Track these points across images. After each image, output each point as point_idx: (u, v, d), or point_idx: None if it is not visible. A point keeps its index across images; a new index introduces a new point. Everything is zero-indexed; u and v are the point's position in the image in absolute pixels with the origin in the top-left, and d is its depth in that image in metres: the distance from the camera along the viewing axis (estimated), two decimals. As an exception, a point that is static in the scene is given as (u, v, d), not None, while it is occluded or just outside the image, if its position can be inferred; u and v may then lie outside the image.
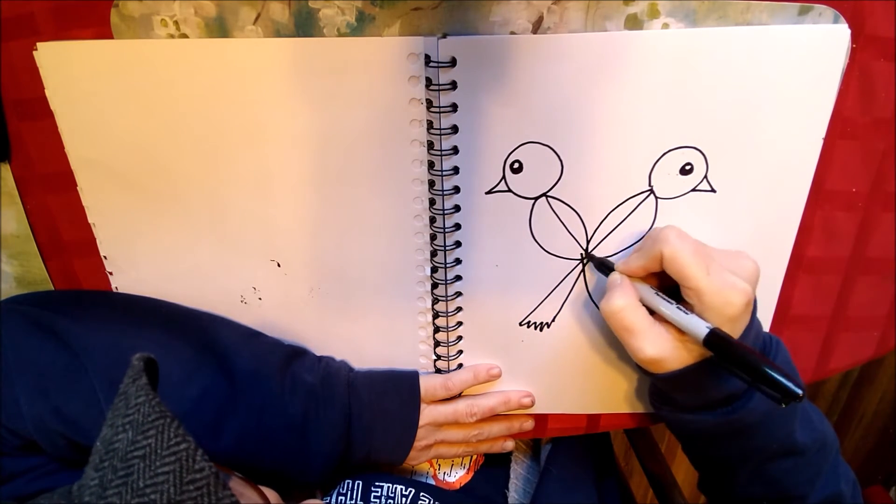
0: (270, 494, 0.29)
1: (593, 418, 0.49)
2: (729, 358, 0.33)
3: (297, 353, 0.44)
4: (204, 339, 0.42)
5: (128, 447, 0.21)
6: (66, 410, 0.38)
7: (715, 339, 0.33)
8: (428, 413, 0.44)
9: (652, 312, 0.38)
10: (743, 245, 0.38)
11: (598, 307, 0.43)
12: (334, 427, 0.42)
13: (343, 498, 0.43)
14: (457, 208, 0.40)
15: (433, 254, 0.41)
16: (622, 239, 0.41)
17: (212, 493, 0.21)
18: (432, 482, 0.50)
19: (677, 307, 0.36)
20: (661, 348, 0.36)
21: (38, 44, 0.37)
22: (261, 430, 0.41)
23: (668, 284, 0.37)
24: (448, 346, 0.45)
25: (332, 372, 0.44)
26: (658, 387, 0.42)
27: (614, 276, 0.39)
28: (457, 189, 0.39)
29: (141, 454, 0.21)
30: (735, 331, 0.35)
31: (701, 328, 0.34)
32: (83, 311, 0.42)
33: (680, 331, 0.36)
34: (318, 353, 0.46)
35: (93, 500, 0.21)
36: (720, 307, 0.34)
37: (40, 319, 0.40)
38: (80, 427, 0.38)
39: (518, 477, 0.53)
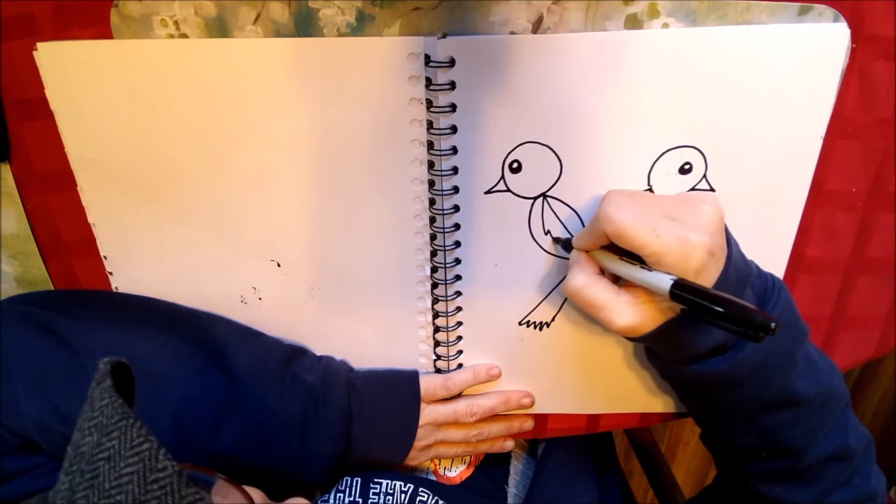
0: (256, 494, 0.29)
1: (593, 418, 0.49)
2: (696, 306, 0.31)
3: (296, 353, 0.44)
4: (204, 338, 0.42)
5: (93, 450, 0.21)
6: (65, 410, 0.38)
7: (680, 289, 0.32)
8: (428, 413, 0.44)
9: (619, 279, 0.37)
10: (742, 245, 0.38)
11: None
12: (334, 427, 0.42)
13: (342, 495, 0.43)
14: (456, 208, 0.40)
15: (433, 254, 0.41)
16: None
17: (175, 491, 0.21)
18: (433, 478, 0.50)
19: (640, 266, 0.35)
20: (630, 315, 0.35)
21: (38, 44, 0.37)
22: (260, 429, 0.41)
23: None
24: (448, 346, 0.45)
25: (331, 371, 0.44)
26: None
27: (573, 254, 0.39)
28: (456, 189, 0.39)
29: (105, 456, 0.21)
30: (709, 281, 0.34)
31: (665, 282, 0.33)
32: (83, 311, 0.42)
33: (649, 290, 0.35)
34: (318, 353, 0.46)
35: (63, 503, 0.21)
36: (681, 264, 0.33)
37: (40, 319, 0.40)
38: (79, 427, 0.38)
39: (518, 472, 0.53)
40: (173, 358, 0.41)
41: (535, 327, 0.44)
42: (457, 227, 0.40)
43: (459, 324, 0.44)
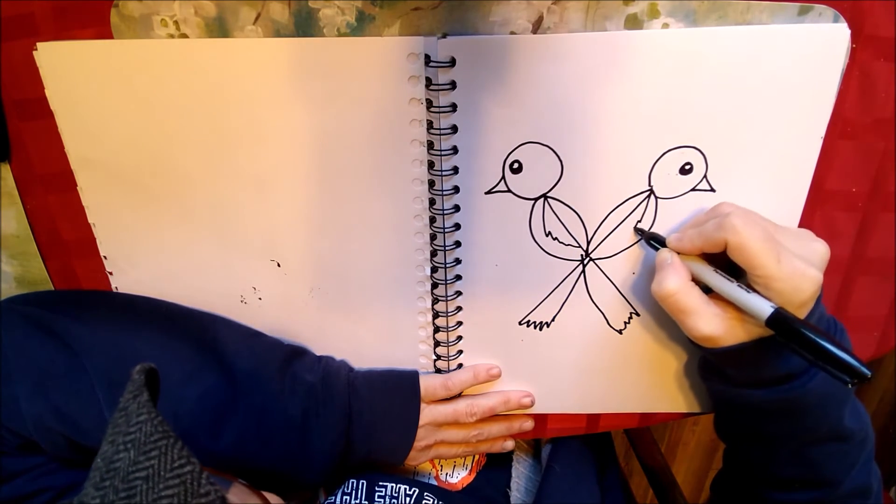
0: (274, 500, 0.29)
1: (593, 418, 0.49)
2: (793, 338, 0.32)
3: (297, 353, 0.44)
4: (204, 338, 0.42)
5: (129, 467, 0.20)
6: (66, 410, 0.38)
7: (779, 319, 0.32)
8: (428, 413, 0.44)
9: (706, 289, 0.36)
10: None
11: (597, 308, 0.43)
12: (334, 427, 0.42)
13: (348, 497, 0.43)
14: (456, 208, 0.40)
15: (433, 254, 0.41)
16: (622, 239, 0.41)
17: None
18: (435, 483, 0.50)
19: (738, 285, 0.34)
20: (716, 327, 0.35)
21: (38, 44, 0.37)
22: (261, 429, 0.41)
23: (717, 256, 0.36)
24: (448, 346, 0.45)
25: (331, 371, 0.44)
26: (708, 359, 0.40)
27: (664, 254, 0.38)
28: (456, 189, 0.39)
29: (144, 475, 0.20)
30: (801, 315, 0.34)
31: (765, 308, 0.32)
32: (83, 311, 0.42)
33: (737, 307, 0.35)
34: (318, 353, 0.46)
35: None
36: (789, 294, 0.33)
37: (40, 319, 0.40)
38: (79, 427, 0.38)
39: (520, 476, 0.53)
40: (173, 358, 0.41)
41: (535, 327, 0.44)
42: (457, 227, 0.40)
43: (459, 324, 0.44)
